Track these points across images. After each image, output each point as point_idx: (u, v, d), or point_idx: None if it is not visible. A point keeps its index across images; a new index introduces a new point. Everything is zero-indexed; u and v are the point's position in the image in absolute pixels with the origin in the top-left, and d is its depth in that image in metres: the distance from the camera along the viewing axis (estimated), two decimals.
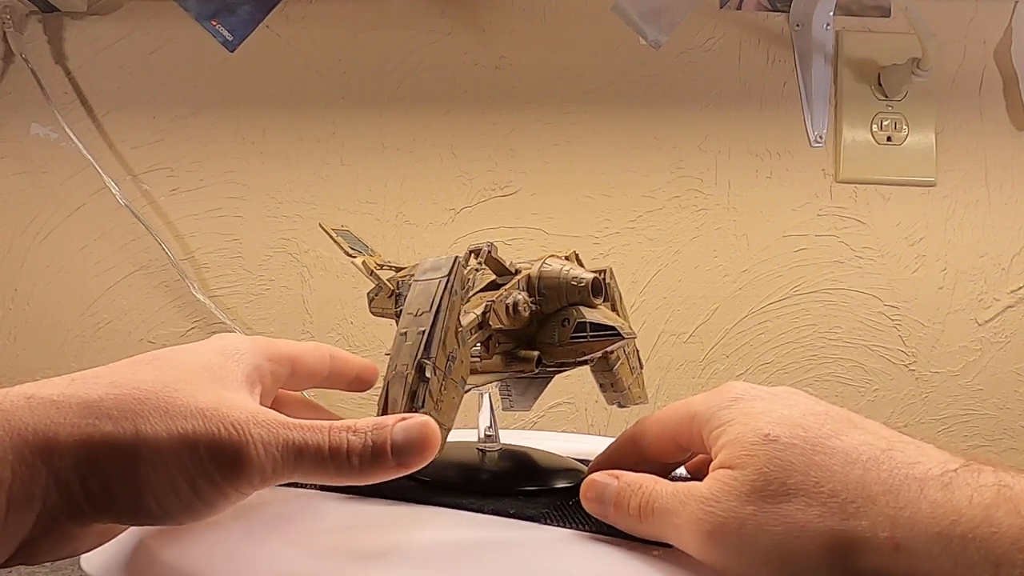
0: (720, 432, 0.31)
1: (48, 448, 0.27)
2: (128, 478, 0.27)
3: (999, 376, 0.92)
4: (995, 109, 0.94)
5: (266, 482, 0.28)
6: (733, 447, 0.30)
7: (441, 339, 0.32)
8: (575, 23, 0.91)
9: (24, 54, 0.86)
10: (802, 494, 0.28)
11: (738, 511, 0.28)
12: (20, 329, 0.88)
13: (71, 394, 0.28)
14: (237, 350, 0.34)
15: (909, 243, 0.92)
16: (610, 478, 0.33)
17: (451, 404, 0.33)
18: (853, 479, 0.27)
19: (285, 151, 0.90)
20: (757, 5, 0.93)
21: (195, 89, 0.89)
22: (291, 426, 0.28)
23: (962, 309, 0.92)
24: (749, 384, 0.33)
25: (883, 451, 0.28)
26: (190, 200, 0.89)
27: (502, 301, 0.36)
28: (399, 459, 0.29)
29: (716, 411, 0.32)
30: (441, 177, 0.90)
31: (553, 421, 0.89)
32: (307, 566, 0.31)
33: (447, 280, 0.33)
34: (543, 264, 0.37)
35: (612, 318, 0.36)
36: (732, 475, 0.29)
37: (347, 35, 0.90)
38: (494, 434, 0.43)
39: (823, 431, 0.29)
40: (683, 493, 0.30)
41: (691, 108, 0.92)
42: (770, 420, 0.30)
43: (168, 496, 0.27)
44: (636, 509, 0.31)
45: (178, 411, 0.28)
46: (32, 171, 0.89)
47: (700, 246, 0.91)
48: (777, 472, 0.28)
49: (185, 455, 0.27)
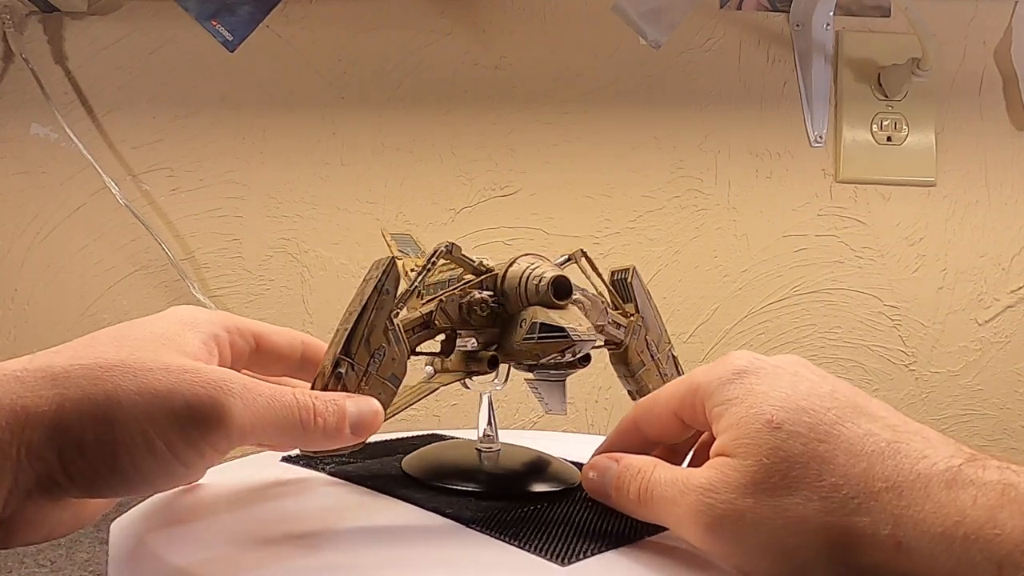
0: (722, 410, 0.30)
1: (19, 421, 0.26)
2: (104, 442, 0.26)
3: (999, 376, 0.92)
4: (995, 109, 0.94)
5: (242, 440, 0.29)
6: (735, 432, 0.29)
7: (364, 337, 0.33)
8: (575, 23, 0.91)
9: (24, 54, 0.86)
10: (804, 487, 0.27)
11: (737, 503, 0.28)
12: (20, 329, 0.88)
13: (35, 368, 0.27)
14: (194, 319, 0.33)
15: (909, 243, 0.92)
16: (610, 461, 0.33)
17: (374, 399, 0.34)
18: (856, 473, 0.27)
19: (285, 151, 0.90)
20: (757, 5, 0.93)
21: (195, 89, 0.89)
22: (264, 388, 0.29)
23: (962, 309, 0.92)
24: (753, 355, 0.32)
25: (888, 443, 0.27)
26: (190, 200, 0.89)
27: (455, 300, 0.36)
28: (354, 431, 0.31)
29: (719, 385, 0.31)
30: (441, 177, 0.90)
31: (553, 421, 0.89)
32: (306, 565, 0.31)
33: (378, 280, 0.34)
34: (511, 263, 0.37)
35: (573, 319, 0.34)
36: (732, 464, 0.29)
37: (347, 35, 0.90)
38: (493, 434, 0.43)
39: (828, 417, 0.28)
40: (682, 482, 0.30)
41: (691, 108, 0.92)
42: (774, 403, 0.29)
43: (145, 458, 0.27)
44: (635, 494, 0.31)
45: (149, 371, 0.28)
46: (32, 171, 0.89)
47: (700, 246, 0.91)
48: (779, 463, 0.28)
49: (160, 413, 0.27)
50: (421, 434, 0.52)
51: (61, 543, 0.66)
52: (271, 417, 0.29)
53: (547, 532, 0.33)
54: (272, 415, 0.29)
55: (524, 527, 0.33)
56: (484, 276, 0.37)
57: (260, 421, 0.29)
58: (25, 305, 0.88)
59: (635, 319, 0.42)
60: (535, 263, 0.36)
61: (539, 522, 0.34)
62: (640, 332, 0.42)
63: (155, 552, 0.33)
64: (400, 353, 0.34)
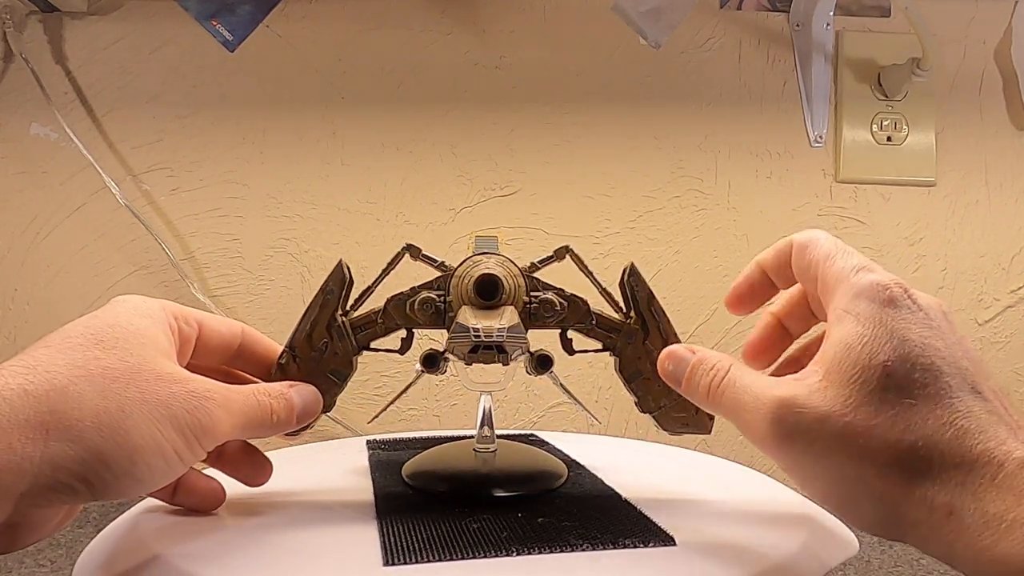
0: (842, 317, 0.30)
1: (40, 435, 0.27)
2: (122, 450, 0.29)
3: (999, 376, 0.92)
4: (995, 109, 0.94)
5: (222, 440, 0.33)
6: (843, 356, 0.29)
7: (307, 332, 0.37)
8: (575, 23, 0.91)
9: (24, 54, 0.86)
10: (885, 435, 0.28)
11: (815, 427, 0.29)
12: (20, 329, 0.88)
13: (39, 383, 0.28)
14: (150, 311, 0.34)
15: (909, 243, 0.92)
16: (687, 352, 0.35)
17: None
18: (939, 441, 0.27)
19: (285, 151, 0.90)
20: (757, 5, 0.93)
21: (195, 89, 0.89)
22: (234, 394, 0.33)
23: (962, 309, 0.92)
24: (906, 286, 0.31)
25: (979, 426, 0.27)
26: (190, 200, 0.89)
27: (403, 300, 0.37)
28: (299, 420, 0.36)
29: (856, 294, 0.30)
30: (441, 177, 0.90)
31: (553, 421, 0.89)
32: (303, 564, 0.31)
33: (324, 281, 0.37)
34: (461, 263, 0.37)
35: (492, 320, 0.34)
36: (823, 389, 0.29)
37: (347, 35, 0.90)
38: (490, 435, 0.43)
39: (940, 384, 0.28)
40: (760, 390, 0.30)
41: (691, 108, 0.92)
42: (898, 351, 0.28)
43: (157, 461, 0.30)
44: (705, 389, 0.33)
45: (147, 381, 0.30)
46: (32, 171, 0.89)
47: (700, 246, 0.91)
48: (870, 407, 0.28)
49: (165, 420, 0.30)
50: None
51: (61, 543, 0.66)
52: (243, 420, 0.33)
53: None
54: (244, 418, 0.33)
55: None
56: (437, 277, 0.38)
57: (236, 424, 0.33)
58: (25, 305, 0.88)
59: (631, 323, 0.38)
60: (483, 263, 0.37)
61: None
62: (636, 337, 0.38)
63: (154, 551, 0.33)
64: (344, 349, 0.37)
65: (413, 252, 0.38)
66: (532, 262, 0.39)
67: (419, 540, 0.32)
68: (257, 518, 0.36)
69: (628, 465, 0.47)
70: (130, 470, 0.29)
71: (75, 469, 0.28)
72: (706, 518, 0.37)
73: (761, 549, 0.33)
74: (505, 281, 0.36)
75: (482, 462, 0.42)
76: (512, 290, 0.36)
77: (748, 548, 0.33)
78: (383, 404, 0.46)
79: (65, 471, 0.28)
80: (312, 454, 0.50)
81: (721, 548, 0.33)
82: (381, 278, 0.39)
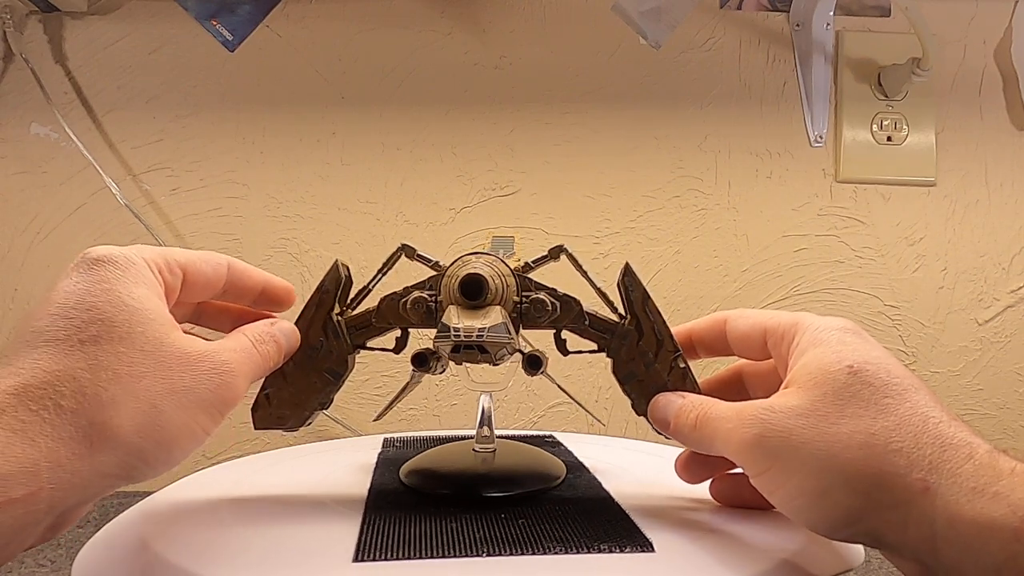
0: (806, 348, 0.33)
1: (88, 448, 0.28)
2: (160, 444, 0.30)
3: (999, 376, 0.92)
4: (995, 109, 0.94)
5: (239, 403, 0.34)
6: (812, 368, 0.32)
7: (303, 331, 0.38)
8: (575, 23, 0.91)
9: (24, 54, 0.86)
10: (855, 422, 0.29)
11: (788, 423, 0.30)
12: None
13: (70, 394, 0.28)
14: (141, 275, 0.32)
15: (909, 243, 0.92)
16: (677, 396, 0.36)
17: (308, 387, 0.38)
18: (910, 425, 0.29)
19: (285, 151, 0.90)
20: (757, 5, 0.93)
21: (195, 89, 0.89)
22: (243, 356, 0.34)
23: (962, 309, 0.92)
24: (858, 325, 0.34)
25: (943, 419, 0.30)
26: (190, 200, 0.89)
27: (396, 300, 0.38)
28: (285, 357, 0.37)
29: (816, 330, 0.34)
30: (441, 177, 0.90)
31: (553, 421, 0.89)
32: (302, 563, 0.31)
33: (322, 280, 0.38)
34: (452, 263, 0.38)
35: (476, 319, 0.34)
36: (796, 393, 0.31)
37: (347, 35, 0.90)
38: (489, 435, 0.43)
39: (903, 382, 0.31)
40: (741, 405, 0.32)
41: (691, 108, 0.92)
42: (860, 354, 0.31)
43: (190, 444, 0.31)
44: (692, 420, 0.35)
45: (172, 368, 0.30)
46: (32, 171, 0.89)
47: (700, 246, 0.91)
48: (840, 401, 0.30)
49: (195, 406, 0.31)
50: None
51: (61, 543, 0.66)
52: (252, 376, 0.35)
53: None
54: (252, 374, 0.35)
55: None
56: (430, 276, 0.38)
57: (248, 382, 0.34)
58: (25, 305, 0.88)
59: (625, 324, 0.38)
60: (472, 263, 0.37)
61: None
62: (630, 338, 0.37)
63: (154, 551, 0.33)
64: (339, 347, 0.38)
65: (408, 252, 0.38)
66: (526, 262, 0.38)
67: (395, 538, 0.32)
68: (256, 517, 0.36)
69: (633, 468, 0.46)
70: (167, 460, 0.30)
71: (120, 473, 0.29)
72: (698, 525, 0.36)
73: (742, 563, 0.31)
74: (492, 281, 0.35)
75: (480, 462, 0.42)
76: (500, 290, 0.36)
77: (728, 559, 0.32)
78: (383, 404, 0.46)
79: (112, 477, 0.29)
80: (324, 452, 0.50)
81: (701, 556, 0.32)
82: (378, 277, 0.39)
